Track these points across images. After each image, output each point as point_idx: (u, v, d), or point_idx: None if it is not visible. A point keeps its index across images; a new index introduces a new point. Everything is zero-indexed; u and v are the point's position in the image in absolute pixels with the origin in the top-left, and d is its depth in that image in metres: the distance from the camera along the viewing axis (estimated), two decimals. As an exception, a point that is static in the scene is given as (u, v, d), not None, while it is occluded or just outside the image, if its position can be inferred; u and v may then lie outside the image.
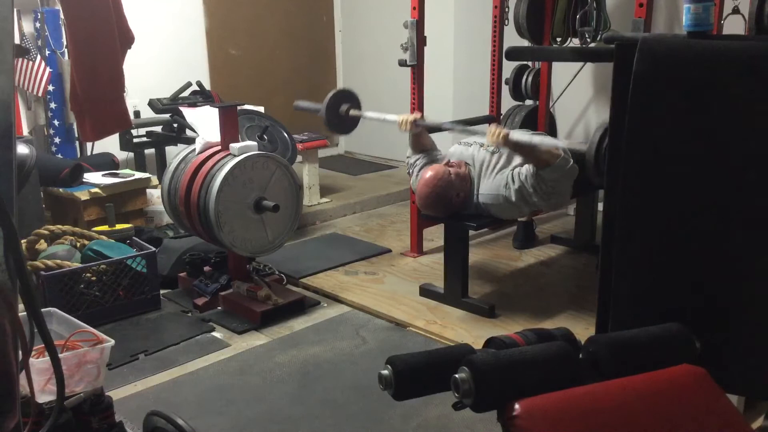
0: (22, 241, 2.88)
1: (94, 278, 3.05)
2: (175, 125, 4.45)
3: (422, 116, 3.25)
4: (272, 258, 3.57)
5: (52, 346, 1.17)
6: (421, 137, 3.29)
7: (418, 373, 1.19)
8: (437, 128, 3.28)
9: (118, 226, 3.53)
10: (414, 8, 3.61)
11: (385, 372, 1.18)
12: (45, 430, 1.20)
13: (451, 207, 3.07)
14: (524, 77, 4.25)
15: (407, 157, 3.38)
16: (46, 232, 3.21)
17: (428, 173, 3.03)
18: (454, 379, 1.14)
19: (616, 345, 1.28)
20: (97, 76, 3.70)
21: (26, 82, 4.10)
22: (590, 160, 3.07)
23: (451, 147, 3.28)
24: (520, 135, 2.86)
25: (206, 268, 3.41)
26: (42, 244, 3.20)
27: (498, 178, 3.00)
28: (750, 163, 1.54)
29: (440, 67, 5.15)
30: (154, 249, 3.28)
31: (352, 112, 3.49)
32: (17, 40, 4.10)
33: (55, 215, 4.04)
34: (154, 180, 4.15)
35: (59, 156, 4.29)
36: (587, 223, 3.89)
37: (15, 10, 3.55)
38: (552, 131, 4.33)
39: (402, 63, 3.67)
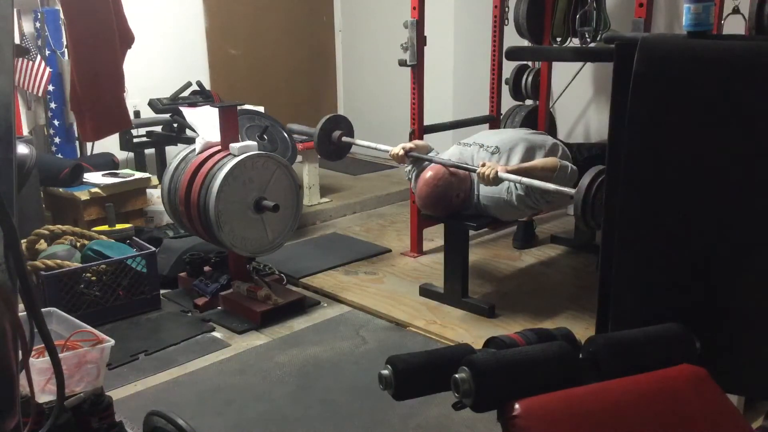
0: (22, 241, 2.88)
1: (94, 278, 3.05)
2: (175, 125, 4.45)
3: (412, 148, 3.23)
4: (272, 258, 3.57)
5: (52, 346, 1.17)
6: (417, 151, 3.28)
7: (418, 373, 1.19)
8: (427, 161, 3.15)
9: (118, 226, 3.53)
10: (414, 8, 3.61)
11: (385, 372, 1.18)
12: (45, 430, 1.20)
13: (450, 207, 3.07)
14: (524, 77, 4.25)
15: (405, 165, 3.37)
16: (46, 232, 3.21)
17: (428, 174, 3.04)
18: (454, 379, 1.14)
19: (616, 345, 1.28)
20: (97, 76, 3.70)
21: (26, 82, 4.10)
22: (578, 208, 2.56)
23: (451, 147, 3.28)
24: (509, 174, 2.84)
25: (206, 268, 3.41)
26: (42, 244, 3.20)
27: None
28: (750, 163, 1.54)
29: (440, 67, 5.15)
30: (154, 249, 3.28)
31: (345, 138, 3.49)
32: (17, 40, 4.10)
33: (55, 215, 4.04)
34: (154, 180, 4.15)
35: (59, 156, 4.29)
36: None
37: (15, 10, 3.55)
38: (552, 131, 4.33)
39: (402, 63, 3.67)
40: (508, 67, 4.16)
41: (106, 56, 3.72)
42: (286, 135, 4.20)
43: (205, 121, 3.35)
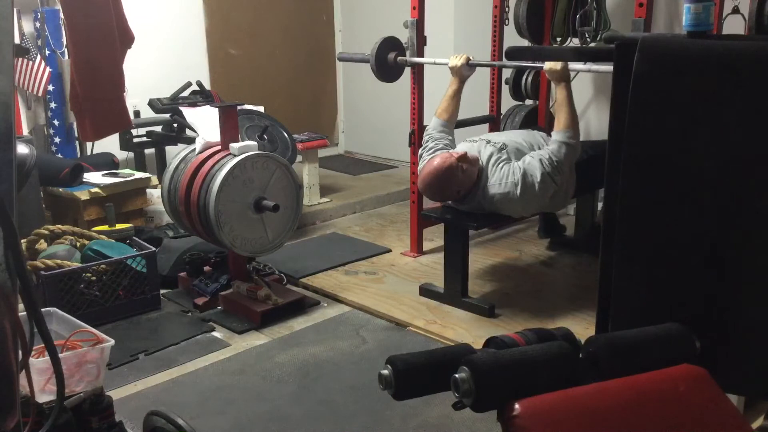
0: (22, 241, 2.88)
1: (94, 278, 3.05)
2: (175, 125, 4.45)
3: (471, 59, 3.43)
4: (272, 258, 3.57)
5: (52, 346, 1.17)
6: (458, 94, 3.40)
7: (418, 373, 1.19)
8: (487, 66, 3.64)
9: (118, 226, 3.53)
10: (414, 8, 3.61)
11: (385, 372, 1.18)
12: (45, 430, 1.20)
13: (450, 198, 3.09)
14: (524, 77, 4.24)
15: (428, 130, 3.38)
16: (46, 232, 3.21)
17: (435, 161, 3.05)
18: (454, 378, 1.14)
19: (615, 345, 1.28)
20: (97, 76, 3.70)
21: (26, 82, 4.10)
22: None
23: (459, 145, 3.28)
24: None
25: (206, 268, 3.41)
26: (42, 244, 3.20)
27: (505, 168, 3.03)
28: (750, 163, 1.54)
29: (440, 67, 5.14)
30: (154, 249, 3.28)
31: (400, 59, 3.55)
32: (17, 40, 4.10)
33: (55, 215, 4.04)
34: (154, 180, 4.15)
35: (59, 156, 4.29)
36: (587, 223, 3.89)
37: (15, 9, 3.56)
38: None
39: (402, 63, 3.67)
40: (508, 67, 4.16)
41: (106, 56, 3.72)
42: (286, 135, 4.20)
43: (205, 121, 3.35)
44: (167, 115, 4.47)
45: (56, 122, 4.30)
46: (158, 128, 4.58)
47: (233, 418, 2.39)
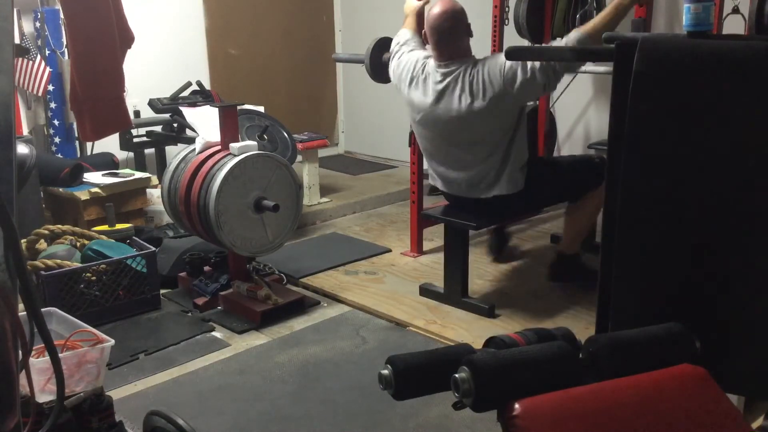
0: (22, 241, 2.89)
1: (94, 278, 3.05)
2: (175, 125, 4.45)
3: None
4: (272, 258, 3.57)
5: (52, 346, 1.17)
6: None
7: (418, 373, 1.19)
8: None
9: (118, 226, 3.53)
10: (414, 8, 3.60)
11: (385, 372, 1.18)
12: (45, 430, 1.20)
13: (459, 35, 3.00)
14: (524, 77, 4.24)
15: (398, 39, 3.35)
16: (46, 232, 3.21)
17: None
18: (454, 378, 1.14)
19: (616, 345, 1.28)
20: (97, 76, 3.70)
21: (26, 82, 4.10)
22: None
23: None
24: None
25: (206, 268, 3.41)
26: (42, 244, 3.20)
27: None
28: (750, 163, 1.54)
29: (440, 67, 5.13)
30: (154, 249, 3.28)
31: None
32: (17, 40, 4.10)
33: (55, 215, 4.04)
34: (154, 180, 4.15)
35: (59, 156, 4.29)
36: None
37: (15, 9, 3.56)
38: (552, 131, 4.33)
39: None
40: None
41: (106, 56, 3.71)
42: (286, 135, 4.20)
43: (205, 121, 3.35)
44: (167, 115, 4.46)
45: (56, 122, 4.30)
46: (158, 128, 4.58)
47: (233, 418, 2.39)
